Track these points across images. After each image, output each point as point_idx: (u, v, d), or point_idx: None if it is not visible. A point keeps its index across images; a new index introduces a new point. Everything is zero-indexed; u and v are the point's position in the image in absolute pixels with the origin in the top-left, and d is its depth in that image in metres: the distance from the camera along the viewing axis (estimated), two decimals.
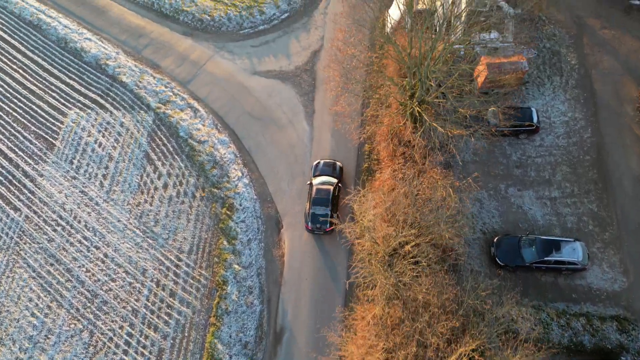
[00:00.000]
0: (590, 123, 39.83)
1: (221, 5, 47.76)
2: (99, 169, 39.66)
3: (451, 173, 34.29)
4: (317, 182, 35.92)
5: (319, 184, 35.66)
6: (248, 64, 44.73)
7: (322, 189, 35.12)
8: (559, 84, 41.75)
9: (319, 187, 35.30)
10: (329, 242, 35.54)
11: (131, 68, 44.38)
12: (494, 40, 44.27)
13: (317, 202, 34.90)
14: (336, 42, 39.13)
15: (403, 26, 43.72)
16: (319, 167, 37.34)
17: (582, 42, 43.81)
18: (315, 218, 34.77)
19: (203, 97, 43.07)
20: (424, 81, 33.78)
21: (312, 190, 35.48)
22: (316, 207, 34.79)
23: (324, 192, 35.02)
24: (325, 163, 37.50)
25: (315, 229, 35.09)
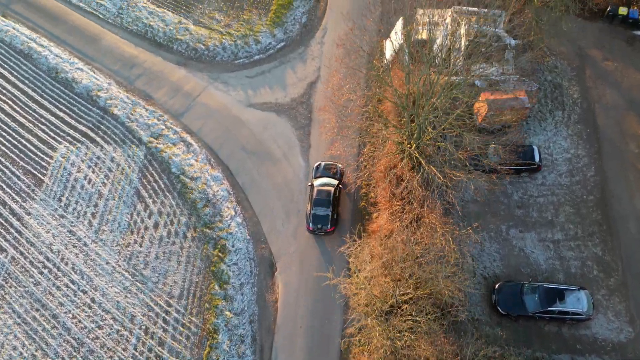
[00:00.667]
0: (594, 161, 38.08)
1: (216, 34, 46.05)
2: (88, 207, 37.87)
3: (450, 220, 32.53)
4: (318, 183, 35.84)
5: (319, 185, 35.61)
6: (243, 96, 43.00)
7: (323, 190, 35.12)
8: (561, 119, 40.03)
9: (320, 189, 35.25)
10: (325, 293, 33.49)
11: (123, 100, 42.64)
12: (494, 73, 42.62)
13: (318, 203, 34.79)
14: (331, 85, 37.37)
15: (400, 58, 42.09)
16: (320, 168, 37.15)
17: (584, 74, 42.12)
18: (316, 219, 34.67)
19: (196, 130, 41.31)
20: (422, 124, 32.09)
21: (313, 192, 35.39)
22: (317, 208, 34.70)
23: (325, 193, 35.00)
24: (326, 165, 37.19)
25: (316, 229, 34.93)
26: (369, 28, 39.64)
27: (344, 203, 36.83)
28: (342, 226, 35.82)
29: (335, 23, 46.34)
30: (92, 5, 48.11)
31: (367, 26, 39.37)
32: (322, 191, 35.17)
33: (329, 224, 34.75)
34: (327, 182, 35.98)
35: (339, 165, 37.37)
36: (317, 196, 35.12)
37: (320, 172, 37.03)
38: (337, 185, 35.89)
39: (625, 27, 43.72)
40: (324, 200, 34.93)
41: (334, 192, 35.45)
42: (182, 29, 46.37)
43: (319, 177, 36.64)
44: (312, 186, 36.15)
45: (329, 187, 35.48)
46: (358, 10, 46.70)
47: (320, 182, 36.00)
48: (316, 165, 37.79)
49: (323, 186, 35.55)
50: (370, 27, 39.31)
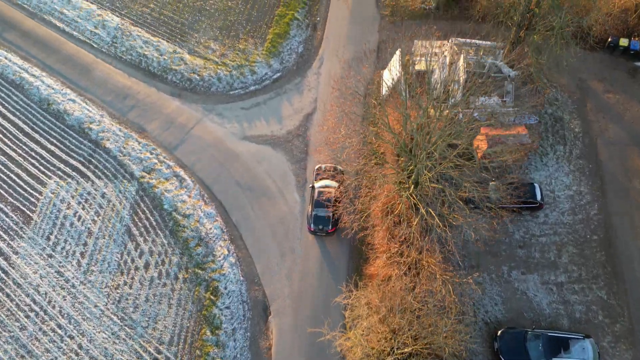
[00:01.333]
0: (597, 198, 36.50)
1: (211, 64, 44.60)
2: (77, 245, 36.18)
3: (450, 267, 30.85)
4: (319, 185, 36.11)
5: (320, 187, 35.90)
6: (238, 128, 41.47)
7: (324, 191, 35.42)
8: (562, 154, 38.48)
9: (321, 190, 35.59)
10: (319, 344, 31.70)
11: (115, 132, 41.09)
12: (493, 105, 41.16)
13: (319, 205, 35.10)
14: (326, 128, 35.83)
15: (398, 92, 40.63)
16: (321, 171, 37.32)
17: (585, 107, 40.65)
18: (317, 220, 34.87)
19: (190, 165, 39.72)
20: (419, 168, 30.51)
21: (314, 193, 35.59)
22: (318, 209, 35.00)
23: (326, 194, 35.25)
24: (327, 167, 37.34)
25: (317, 230, 35.05)
26: (364, 73, 38.06)
27: (339, 245, 35.41)
28: (338, 272, 34.20)
29: (332, 53, 44.97)
30: (86, 34, 46.74)
31: (363, 72, 37.77)
32: (323, 193, 35.34)
33: (330, 225, 34.75)
34: (327, 184, 36.15)
35: (339, 167, 37.33)
36: (318, 198, 35.27)
37: (321, 174, 37.16)
38: (337, 187, 35.97)
39: (626, 59, 42.29)
40: (324, 202, 35.07)
41: (335, 193, 35.58)
42: (176, 58, 44.95)
43: (320, 180, 36.73)
44: (313, 188, 36.21)
45: (329, 189, 35.63)
46: (355, 41, 45.39)
47: (321, 184, 36.17)
48: (317, 168, 37.74)
49: (324, 188, 35.72)
50: (365, 72, 37.63)
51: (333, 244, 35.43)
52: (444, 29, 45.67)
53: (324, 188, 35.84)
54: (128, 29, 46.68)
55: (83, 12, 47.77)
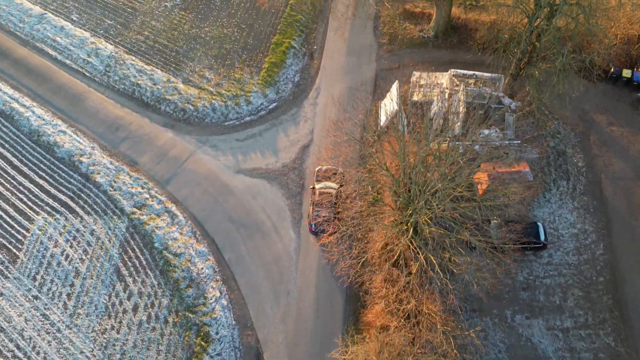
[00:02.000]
0: (602, 237, 34.75)
1: (206, 94, 43.02)
2: (63, 286, 34.32)
3: (451, 318, 29.03)
4: (320, 186, 36.02)
5: (321, 188, 35.80)
6: (232, 161, 39.77)
7: (325, 192, 35.31)
8: (566, 190, 36.79)
9: (322, 191, 35.50)
10: None
11: (106, 166, 39.39)
12: (494, 138, 39.57)
13: (320, 205, 34.86)
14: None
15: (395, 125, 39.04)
16: (322, 172, 37.10)
17: (588, 140, 39.03)
18: (318, 220, 34.42)
19: (182, 200, 37.98)
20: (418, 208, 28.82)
21: (315, 194, 35.46)
22: (319, 210, 34.71)
23: (326, 195, 35.11)
24: (327, 169, 37.19)
25: (318, 230, 34.54)
26: (360, 119, 36.24)
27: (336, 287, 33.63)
28: (334, 317, 32.31)
29: (329, 83, 43.42)
30: (78, 63, 45.19)
31: (359, 117, 35.99)
32: (324, 194, 35.24)
33: (331, 225, 33.86)
34: (328, 185, 36.02)
35: (339, 169, 36.99)
36: (319, 198, 35.08)
37: (322, 176, 36.97)
38: (338, 189, 35.72)
39: (629, 90, 40.73)
40: (325, 202, 34.82)
41: (335, 194, 35.27)
42: (170, 88, 43.38)
43: (320, 181, 36.56)
44: (313, 189, 36.06)
45: (330, 189, 35.44)
46: (352, 70, 43.87)
47: (321, 186, 36.09)
48: (317, 169, 37.45)
49: (325, 189, 35.60)
50: (361, 118, 35.81)
51: (329, 284, 33.57)
52: (443, 58, 44.29)
53: (325, 189, 35.68)
54: (122, 57, 45.16)
55: (76, 40, 46.28)
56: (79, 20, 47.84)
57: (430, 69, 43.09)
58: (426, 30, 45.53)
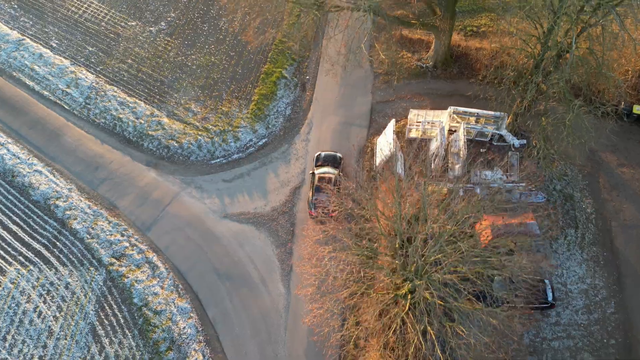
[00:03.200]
0: (614, 293, 31.69)
1: (191, 130, 39.69)
2: (35, 347, 31.13)
3: None
4: (319, 171, 35.52)
5: (321, 173, 35.36)
6: (218, 204, 36.52)
7: (324, 177, 34.95)
8: (574, 239, 33.66)
9: (322, 176, 35.09)
10: None
11: (84, 210, 36.13)
12: (496, 180, 36.40)
13: (319, 190, 34.39)
14: (307, 250, 30.44)
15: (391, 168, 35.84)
16: (321, 158, 36.71)
17: (597, 183, 35.87)
18: (318, 205, 33.69)
19: (164, 248, 34.71)
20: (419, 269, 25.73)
21: (315, 179, 35.00)
22: (319, 194, 34.21)
23: (326, 180, 34.72)
24: (327, 155, 36.80)
25: (317, 215, 33.61)
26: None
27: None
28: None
29: (322, 117, 40.11)
30: (57, 94, 41.78)
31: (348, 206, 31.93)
32: (324, 178, 34.85)
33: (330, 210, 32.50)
34: (327, 170, 35.60)
35: (338, 155, 36.87)
36: (319, 183, 34.63)
37: (321, 161, 36.53)
38: (337, 174, 35.39)
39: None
40: (325, 187, 34.07)
41: (335, 179, 34.82)
42: (154, 122, 40.03)
43: (320, 166, 36.12)
44: (313, 174, 35.61)
45: (329, 174, 35.12)
46: (346, 103, 40.55)
47: (321, 171, 35.58)
48: (317, 155, 37.00)
49: (324, 174, 35.20)
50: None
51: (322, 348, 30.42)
52: (442, 89, 41.02)
53: (324, 174, 35.22)
54: (103, 88, 41.75)
55: (55, 69, 42.83)
56: (58, 47, 44.37)
57: (428, 104, 39.95)
58: (424, 59, 42.17)
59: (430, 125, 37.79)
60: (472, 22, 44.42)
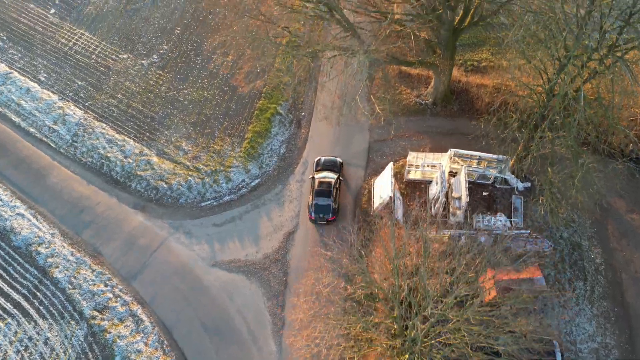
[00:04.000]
0: (626, 353, 29.08)
1: (181, 169, 37.46)
2: None
3: None
4: (319, 176, 35.15)
5: (321, 177, 34.99)
6: (208, 251, 34.15)
7: (324, 181, 34.61)
8: (583, 292, 31.22)
9: (321, 180, 34.70)
10: None
11: (66, 257, 33.76)
12: (500, 226, 34.10)
13: (319, 194, 34.16)
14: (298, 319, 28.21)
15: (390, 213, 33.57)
16: (321, 162, 36.14)
17: (606, 230, 33.49)
18: (318, 208, 33.80)
19: (149, 300, 32.27)
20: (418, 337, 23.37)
21: (315, 183, 34.61)
22: (319, 199, 34.01)
23: (326, 184, 34.42)
24: (327, 159, 36.26)
25: (318, 218, 33.89)
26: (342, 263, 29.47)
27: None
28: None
29: (318, 156, 37.74)
30: (43, 131, 39.61)
31: (341, 263, 29.58)
32: (324, 182, 34.54)
33: (330, 214, 33.83)
34: (328, 174, 35.20)
35: (338, 159, 36.37)
36: (319, 187, 34.29)
37: (321, 166, 35.98)
38: (337, 178, 35.05)
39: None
40: (325, 191, 34.11)
41: (335, 183, 34.54)
42: (143, 162, 37.81)
43: (320, 171, 35.68)
44: (313, 178, 35.15)
45: (329, 179, 34.71)
46: (343, 142, 38.24)
47: (321, 175, 35.23)
48: (317, 160, 36.40)
49: (324, 178, 34.84)
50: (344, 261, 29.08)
51: None
52: (442, 127, 38.82)
53: (324, 178, 34.79)
54: (91, 124, 39.59)
55: (43, 105, 40.70)
56: (46, 81, 42.27)
57: (428, 142, 37.76)
58: (424, 95, 40.02)
59: (430, 167, 35.60)
60: (472, 56, 42.30)
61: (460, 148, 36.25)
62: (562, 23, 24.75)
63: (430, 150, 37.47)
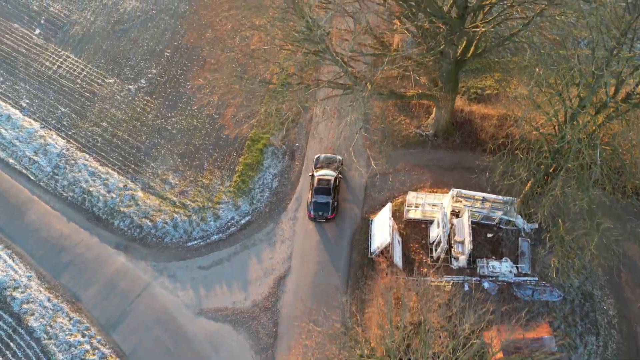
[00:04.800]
0: None
1: (167, 206, 34.70)
2: None
3: None
4: (319, 173, 34.20)
5: (320, 175, 34.08)
6: (193, 297, 31.39)
7: (323, 179, 33.80)
8: (595, 349, 28.36)
9: (321, 178, 33.87)
10: None
11: (43, 303, 31.07)
12: (505, 273, 31.31)
13: (319, 192, 33.39)
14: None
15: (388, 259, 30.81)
16: (320, 160, 35.12)
17: (619, 278, 30.59)
18: (317, 206, 33.05)
19: (129, 352, 29.44)
20: None
21: (314, 181, 33.79)
22: (318, 196, 33.24)
23: (325, 182, 33.62)
24: (326, 157, 35.22)
25: (317, 216, 33.12)
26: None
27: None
28: None
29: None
30: (23, 162, 36.84)
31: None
32: (323, 180, 33.74)
33: (330, 211, 33.04)
34: (327, 172, 34.25)
35: (338, 157, 35.03)
36: (318, 185, 33.52)
37: (321, 163, 34.89)
38: (336, 176, 34.12)
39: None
40: (324, 189, 33.35)
41: (334, 181, 33.67)
42: (127, 197, 35.07)
43: (319, 168, 34.57)
44: (312, 176, 34.24)
45: (329, 176, 33.86)
46: None
47: (320, 173, 34.27)
48: (316, 157, 35.31)
49: (323, 176, 34.00)
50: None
51: None
52: (444, 161, 35.97)
53: (323, 176, 33.96)
54: (73, 155, 36.84)
55: (23, 133, 37.98)
56: (29, 107, 39.53)
57: (428, 177, 34.99)
58: (424, 126, 37.15)
59: (431, 206, 32.83)
60: (476, 83, 39.37)
61: (463, 184, 33.68)
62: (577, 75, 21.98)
63: (431, 185, 34.79)
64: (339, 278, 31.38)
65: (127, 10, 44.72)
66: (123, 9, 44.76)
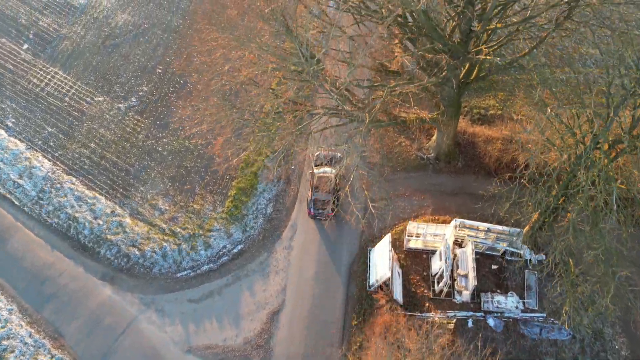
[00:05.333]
0: None
1: (156, 233, 32.73)
2: None
3: None
4: (318, 171, 33.44)
5: (320, 172, 33.31)
6: (182, 333, 29.40)
7: (323, 176, 32.98)
8: None
9: (321, 175, 33.11)
10: None
11: (24, 339, 29.11)
12: (512, 309, 29.34)
13: (318, 189, 32.61)
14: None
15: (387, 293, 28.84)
16: (320, 157, 34.23)
17: (632, 314, 28.67)
18: (317, 204, 32.16)
19: None
20: None
21: (314, 179, 32.85)
22: (318, 194, 32.42)
23: (325, 179, 32.80)
24: (326, 154, 34.23)
25: (317, 214, 32.30)
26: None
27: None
28: None
29: (307, 218, 33.22)
30: (7, 186, 34.85)
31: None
32: (323, 177, 32.93)
33: (329, 209, 32.17)
34: (327, 170, 33.42)
35: (338, 154, 33.47)
36: (318, 182, 32.69)
37: (321, 161, 34.12)
38: (336, 173, 33.01)
39: None
40: (324, 187, 32.61)
41: (334, 178, 32.86)
42: (114, 223, 33.14)
43: (319, 166, 33.80)
44: (312, 174, 33.37)
45: (328, 174, 33.07)
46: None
47: (320, 171, 33.50)
48: (316, 155, 34.34)
49: (323, 173, 33.23)
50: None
51: None
52: (446, 186, 33.98)
53: (323, 174, 33.20)
54: (59, 178, 34.89)
55: (8, 155, 36.02)
56: (14, 127, 37.58)
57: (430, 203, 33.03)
58: (425, 149, 35.21)
59: (432, 236, 30.88)
60: (479, 102, 37.38)
61: (466, 210, 31.80)
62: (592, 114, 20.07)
63: (433, 212, 32.81)
64: (335, 315, 29.41)
65: (119, 24, 42.74)
66: (114, 23, 42.77)
